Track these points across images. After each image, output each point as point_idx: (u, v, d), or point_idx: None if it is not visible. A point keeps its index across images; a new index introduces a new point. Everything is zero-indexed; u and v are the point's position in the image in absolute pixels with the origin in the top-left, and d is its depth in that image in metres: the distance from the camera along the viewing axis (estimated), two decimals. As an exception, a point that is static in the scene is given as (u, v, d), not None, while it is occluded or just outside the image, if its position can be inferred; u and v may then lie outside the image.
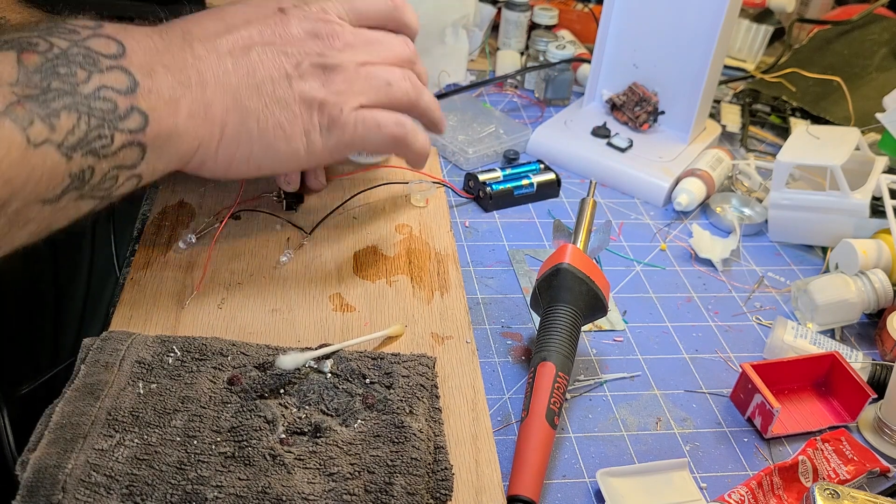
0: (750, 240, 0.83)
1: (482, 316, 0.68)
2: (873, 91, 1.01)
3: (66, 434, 0.47)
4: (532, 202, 0.84)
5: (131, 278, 0.62)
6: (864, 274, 0.71)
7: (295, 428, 0.50)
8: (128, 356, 0.53)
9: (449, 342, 0.61)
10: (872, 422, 0.62)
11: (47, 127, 0.43)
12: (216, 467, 0.47)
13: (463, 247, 0.76)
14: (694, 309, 0.72)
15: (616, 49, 0.93)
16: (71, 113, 0.44)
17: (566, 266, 0.60)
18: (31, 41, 0.45)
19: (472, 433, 0.54)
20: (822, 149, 0.78)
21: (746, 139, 0.98)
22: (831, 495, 0.49)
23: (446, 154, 0.89)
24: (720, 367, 0.66)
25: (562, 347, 0.58)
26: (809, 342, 0.67)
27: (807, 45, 1.15)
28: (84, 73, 0.45)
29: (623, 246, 0.80)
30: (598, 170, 0.88)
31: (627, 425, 0.60)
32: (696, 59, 0.87)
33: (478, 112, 0.95)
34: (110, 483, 0.45)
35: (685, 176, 0.86)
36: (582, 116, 0.95)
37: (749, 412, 0.61)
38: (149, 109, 0.48)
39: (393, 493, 0.47)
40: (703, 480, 0.56)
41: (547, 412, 0.55)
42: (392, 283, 0.66)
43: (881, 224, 0.75)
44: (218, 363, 0.54)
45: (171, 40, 0.52)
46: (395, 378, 0.54)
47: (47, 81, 0.43)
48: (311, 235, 0.69)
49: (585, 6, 1.16)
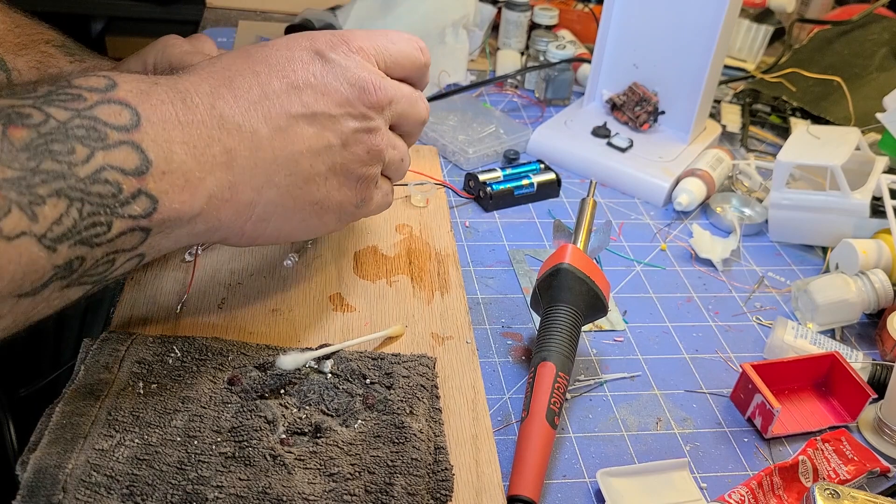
0: (750, 240, 0.83)
1: (482, 316, 0.68)
2: (873, 91, 1.01)
3: (66, 434, 0.47)
4: (532, 202, 0.84)
5: (131, 278, 0.62)
6: (864, 274, 0.71)
7: (295, 428, 0.50)
8: (128, 356, 0.53)
9: (449, 342, 0.61)
10: (872, 422, 0.62)
11: (27, 217, 0.36)
12: (216, 467, 0.47)
13: (463, 247, 0.76)
14: (694, 309, 0.72)
15: (616, 49, 0.93)
16: (60, 199, 0.38)
17: (566, 266, 0.60)
18: (23, 112, 0.38)
19: (473, 433, 0.54)
20: (822, 149, 0.78)
21: (746, 139, 0.98)
22: (831, 495, 0.49)
23: (446, 154, 0.89)
24: (720, 367, 0.66)
25: (562, 347, 0.58)
26: (809, 342, 0.67)
27: (807, 45, 1.15)
28: (85, 152, 0.39)
29: (623, 246, 0.80)
30: (598, 170, 0.88)
31: (627, 425, 0.60)
32: (697, 59, 0.87)
33: (478, 112, 0.95)
34: (110, 483, 0.45)
35: (685, 176, 0.86)
36: (582, 116, 0.95)
37: (749, 412, 0.61)
38: (159, 193, 0.42)
39: (393, 494, 0.47)
40: (703, 480, 0.56)
41: (547, 412, 0.55)
42: (392, 283, 0.66)
43: (881, 224, 0.75)
44: (218, 363, 0.54)
45: (196, 109, 0.44)
46: (396, 378, 0.54)
47: (36, 161, 0.37)
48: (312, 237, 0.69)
49: (585, 6, 1.17)
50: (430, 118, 0.91)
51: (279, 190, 0.48)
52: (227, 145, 0.45)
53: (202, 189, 0.44)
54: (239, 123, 0.46)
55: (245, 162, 0.46)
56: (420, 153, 0.84)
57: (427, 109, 0.57)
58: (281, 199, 0.49)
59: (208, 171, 0.44)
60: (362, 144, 0.51)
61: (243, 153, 0.46)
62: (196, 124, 0.44)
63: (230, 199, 0.46)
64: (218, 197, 0.45)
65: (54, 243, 0.38)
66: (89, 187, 0.39)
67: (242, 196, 0.47)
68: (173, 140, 0.42)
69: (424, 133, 0.91)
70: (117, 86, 0.42)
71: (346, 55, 0.51)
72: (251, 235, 0.50)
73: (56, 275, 0.39)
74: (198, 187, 0.44)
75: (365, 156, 0.52)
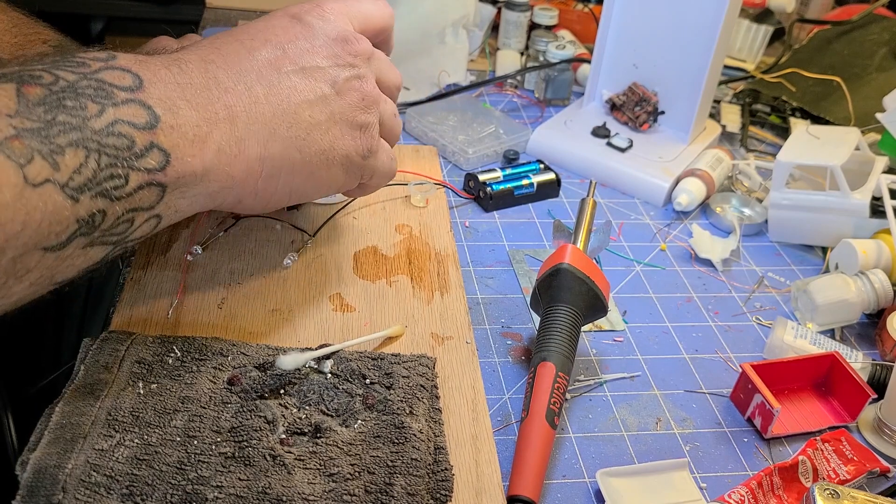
0: (750, 240, 0.83)
1: (482, 316, 0.68)
2: (873, 91, 1.01)
3: (66, 434, 0.47)
4: (532, 202, 0.84)
5: (131, 278, 0.62)
6: (864, 274, 0.71)
7: (295, 428, 0.50)
8: (128, 356, 0.53)
9: (449, 342, 0.61)
10: (872, 422, 0.62)
11: (49, 164, 0.38)
12: (216, 467, 0.47)
13: (463, 247, 0.76)
14: (694, 309, 0.72)
15: (616, 49, 0.93)
16: (78, 149, 0.39)
17: (566, 266, 0.60)
18: (34, 73, 0.40)
19: (472, 433, 0.54)
20: (822, 149, 0.78)
21: (746, 139, 0.98)
22: (831, 495, 0.49)
23: (446, 154, 0.89)
24: (720, 367, 0.66)
25: (562, 347, 0.58)
26: (809, 342, 0.67)
27: (807, 45, 1.15)
28: (96, 107, 0.41)
29: (623, 246, 0.80)
30: (598, 170, 0.88)
31: (627, 425, 0.60)
32: (696, 59, 0.87)
33: (478, 112, 0.95)
34: (110, 483, 0.45)
35: (685, 176, 0.86)
36: (582, 116, 0.95)
37: (749, 412, 0.61)
38: (171, 147, 0.43)
39: (393, 494, 0.47)
40: (703, 480, 0.56)
41: (547, 412, 0.55)
42: (392, 283, 0.66)
43: (881, 224, 0.75)
44: (218, 363, 0.54)
45: (191, 72, 0.46)
46: (396, 378, 0.54)
47: (52, 114, 0.39)
48: (313, 237, 0.69)
49: (585, 6, 1.16)
50: (431, 118, 0.92)
51: (284, 143, 0.50)
52: (226, 102, 0.47)
53: (210, 142, 0.46)
54: (234, 83, 0.48)
55: (246, 118, 0.48)
56: (420, 153, 0.84)
57: (399, 76, 0.59)
58: (287, 152, 0.50)
59: (213, 125, 0.46)
60: (356, 91, 0.53)
61: (243, 109, 0.48)
62: (194, 86, 0.46)
63: (238, 153, 0.48)
64: (226, 152, 0.47)
65: (76, 193, 0.39)
66: (104, 139, 0.40)
67: (250, 150, 0.48)
68: (175, 99, 0.44)
69: (424, 133, 0.91)
70: (117, 57, 0.44)
71: (322, 17, 0.53)
72: (264, 195, 0.51)
73: (79, 230, 0.40)
74: (206, 141, 0.45)
75: (360, 102, 0.53)
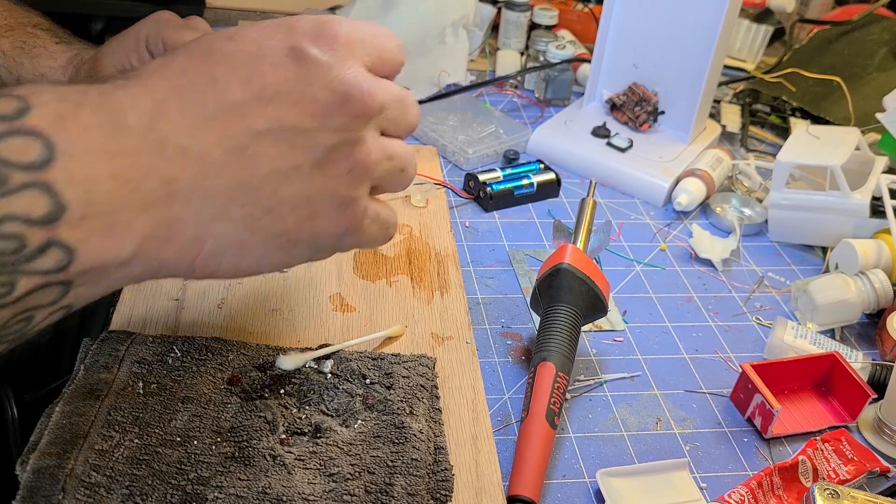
0: (750, 240, 0.83)
1: (482, 316, 0.68)
2: (873, 91, 1.01)
3: (65, 434, 0.47)
4: (532, 202, 0.84)
5: (131, 278, 0.62)
6: (864, 274, 0.71)
7: (295, 428, 0.50)
8: (127, 356, 0.53)
9: (449, 342, 0.61)
10: (872, 422, 0.62)
11: None
12: (216, 468, 0.47)
13: (463, 247, 0.76)
14: (694, 309, 0.72)
15: (616, 49, 0.93)
16: None
17: (566, 266, 0.60)
18: None
19: (472, 433, 0.54)
20: (822, 149, 0.78)
21: (746, 139, 0.98)
22: (831, 495, 0.49)
23: (446, 154, 0.89)
24: (720, 367, 0.66)
25: (562, 347, 0.58)
26: (809, 342, 0.67)
27: (807, 45, 1.15)
28: None
29: (623, 246, 0.80)
30: (598, 170, 0.88)
31: (627, 425, 0.60)
32: (696, 59, 0.87)
33: (478, 112, 0.95)
34: (110, 483, 0.45)
35: (685, 176, 0.86)
36: (582, 116, 0.95)
37: (749, 412, 0.61)
38: (76, 242, 0.35)
39: (393, 494, 0.47)
40: (703, 480, 0.56)
41: (547, 412, 0.55)
42: (392, 283, 0.66)
43: (881, 224, 0.75)
44: (218, 363, 0.54)
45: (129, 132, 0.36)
46: (396, 378, 0.54)
47: None
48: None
49: (585, 6, 1.16)
50: (431, 118, 0.92)
51: (234, 223, 0.40)
52: (166, 175, 0.37)
53: (133, 231, 0.37)
54: (184, 147, 0.38)
55: (189, 194, 0.38)
56: (420, 153, 0.84)
57: (418, 115, 0.46)
58: (236, 233, 0.41)
59: (141, 209, 0.37)
60: (343, 161, 0.41)
61: (188, 183, 0.38)
62: (128, 153, 0.36)
63: (170, 237, 0.39)
64: (155, 237, 0.38)
65: None
66: None
67: (186, 232, 0.39)
68: (97, 176, 0.35)
69: (424, 133, 0.91)
70: (30, 110, 0.34)
71: (331, 49, 0.41)
72: (204, 272, 0.42)
73: None
74: (127, 230, 0.37)
75: (345, 176, 0.41)
